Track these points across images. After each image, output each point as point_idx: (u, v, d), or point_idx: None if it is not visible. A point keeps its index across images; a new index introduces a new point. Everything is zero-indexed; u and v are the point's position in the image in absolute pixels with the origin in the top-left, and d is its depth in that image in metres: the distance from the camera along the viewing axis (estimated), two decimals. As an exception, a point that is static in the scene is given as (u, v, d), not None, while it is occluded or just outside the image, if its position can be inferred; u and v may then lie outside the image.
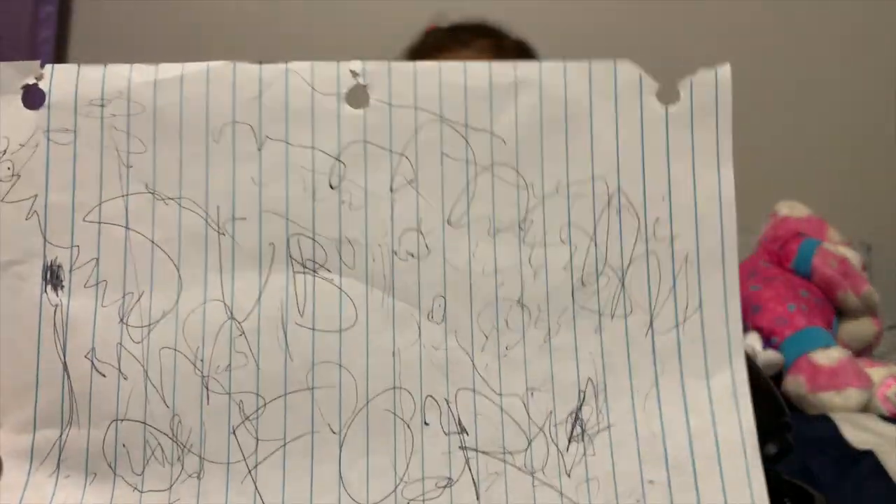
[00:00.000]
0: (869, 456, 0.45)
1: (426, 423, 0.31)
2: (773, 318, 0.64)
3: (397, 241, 0.32)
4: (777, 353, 0.61)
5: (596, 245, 0.32)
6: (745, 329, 0.64)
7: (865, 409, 0.57)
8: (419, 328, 0.31)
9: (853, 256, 0.70)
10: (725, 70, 0.33)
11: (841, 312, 0.69)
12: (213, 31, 1.30)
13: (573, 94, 0.33)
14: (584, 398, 0.31)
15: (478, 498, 0.29)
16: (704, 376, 0.31)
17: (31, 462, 0.30)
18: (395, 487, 0.29)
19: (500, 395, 0.31)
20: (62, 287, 0.31)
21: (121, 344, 0.31)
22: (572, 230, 0.32)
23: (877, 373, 0.59)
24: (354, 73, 0.32)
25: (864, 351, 0.69)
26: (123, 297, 0.31)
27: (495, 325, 0.31)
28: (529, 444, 0.30)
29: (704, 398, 0.31)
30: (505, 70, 0.33)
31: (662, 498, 0.29)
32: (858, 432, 0.49)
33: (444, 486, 0.30)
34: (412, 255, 0.32)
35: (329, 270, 0.32)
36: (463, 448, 0.30)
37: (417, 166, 0.32)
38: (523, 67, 0.33)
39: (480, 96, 0.33)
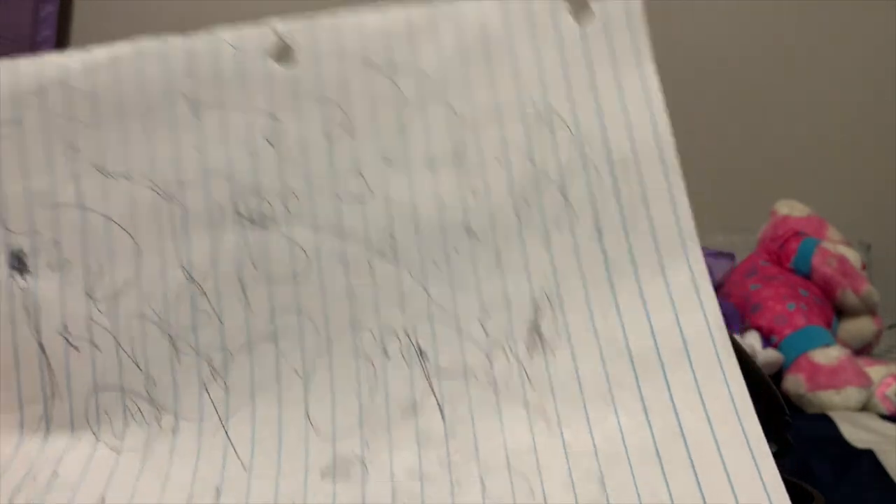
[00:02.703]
0: (868, 455, 0.44)
1: (387, 356, 0.32)
2: (772, 316, 0.64)
3: (340, 186, 0.33)
4: (776, 352, 0.60)
5: (534, 163, 0.32)
6: (745, 328, 0.64)
7: (865, 407, 0.56)
8: (371, 267, 0.32)
9: (853, 256, 0.69)
10: None
11: (840, 311, 0.69)
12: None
13: (491, 22, 0.33)
14: (540, 310, 0.31)
15: (443, 419, 0.30)
16: (661, 273, 0.31)
17: (21, 435, 0.31)
18: (360, 418, 0.31)
19: (457, 318, 0.32)
20: (28, 272, 0.33)
21: (90, 317, 0.32)
22: (508, 152, 0.33)
23: (876, 372, 0.58)
24: (278, 33, 0.33)
25: (863, 350, 0.69)
26: (87, 273, 0.33)
27: (445, 254, 0.32)
28: (490, 361, 0.31)
29: (664, 294, 0.31)
30: (422, 10, 0.34)
31: (631, 395, 0.29)
32: (858, 431, 0.48)
33: (409, 411, 0.31)
34: (356, 198, 0.33)
35: (277, 223, 0.33)
36: (425, 374, 0.31)
37: (350, 113, 0.33)
38: (440, 5, 0.34)
39: (402, 37, 0.33)
